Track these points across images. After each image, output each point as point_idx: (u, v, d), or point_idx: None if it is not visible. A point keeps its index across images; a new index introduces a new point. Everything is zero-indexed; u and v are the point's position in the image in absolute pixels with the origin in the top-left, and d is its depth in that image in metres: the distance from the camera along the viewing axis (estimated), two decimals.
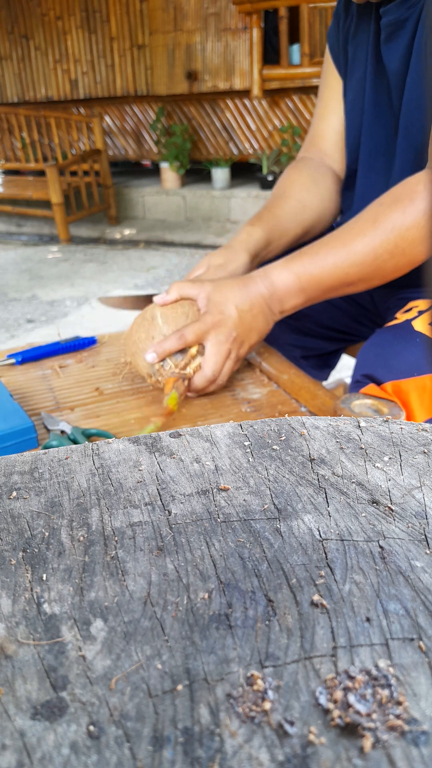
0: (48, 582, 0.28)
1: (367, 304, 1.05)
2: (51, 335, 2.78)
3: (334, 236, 0.77)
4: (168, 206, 5.13)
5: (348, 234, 0.76)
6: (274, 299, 0.78)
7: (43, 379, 0.86)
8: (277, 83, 4.48)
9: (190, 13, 4.85)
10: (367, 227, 0.75)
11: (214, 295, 0.76)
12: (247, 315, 0.76)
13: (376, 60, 0.86)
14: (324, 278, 0.76)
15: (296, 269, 0.77)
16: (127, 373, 0.87)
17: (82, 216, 4.84)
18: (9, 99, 5.93)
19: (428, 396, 0.70)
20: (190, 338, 0.74)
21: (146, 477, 0.35)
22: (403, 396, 0.71)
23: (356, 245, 0.75)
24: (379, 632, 0.25)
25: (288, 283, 0.77)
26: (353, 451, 0.37)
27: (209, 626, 0.25)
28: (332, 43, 0.96)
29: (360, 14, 0.88)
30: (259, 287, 0.77)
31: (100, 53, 5.34)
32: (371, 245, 0.74)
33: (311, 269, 0.76)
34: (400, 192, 0.74)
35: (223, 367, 0.77)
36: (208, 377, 0.75)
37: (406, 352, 0.74)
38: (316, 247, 0.78)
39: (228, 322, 0.75)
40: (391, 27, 0.79)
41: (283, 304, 0.78)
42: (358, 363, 0.80)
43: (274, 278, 0.77)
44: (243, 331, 0.76)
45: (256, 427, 0.40)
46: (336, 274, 0.76)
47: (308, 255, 0.77)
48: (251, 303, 0.76)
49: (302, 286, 0.77)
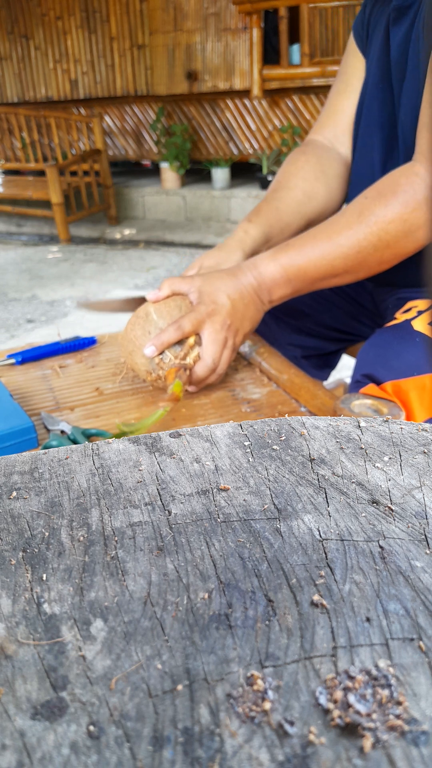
0: (48, 582, 0.28)
1: (367, 304, 1.05)
2: (51, 335, 2.78)
3: (320, 229, 0.79)
4: (168, 206, 5.13)
5: (333, 227, 0.78)
6: (263, 289, 0.79)
7: (43, 379, 0.86)
8: (277, 83, 4.48)
9: (190, 13, 4.85)
10: (351, 220, 0.76)
11: (205, 287, 0.78)
12: (238, 304, 0.77)
13: (383, 43, 0.86)
14: (309, 270, 0.78)
15: (283, 261, 0.78)
16: (127, 373, 0.87)
17: (82, 216, 4.84)
18: (9, 99, 5.93)
19: (428, 395, 0.70)
20: (188, 328, 0.75)
21: (146, 477, 0.35)
22: (403, 396, 0.71)
23: (341, 238, 0.76)
24: (379, 632, 0.25)
25: (275, 275, 0.78)
26: (353, 451, 0.37)
27: (209, 626, 0.25)
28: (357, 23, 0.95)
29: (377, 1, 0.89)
30: (248, 277, 0.78)
31: (100, 53, 5.34)
32: (355, 238, 0.75)
33: (297, 261, 0.78)
34: (384, 185, 0.76)
35: (222, 356, 0.78)
36: (209, 365, 0.76)
37: (406, 352, 0.74)
38: (303, 239, 0.79)
39: (222, 311, 0.76)
40: (396, 11, 0.81)
41: (272, 294, 0.80)
42: (357, 363, 0.80)
43: (262, 269, 0.79)
44: (236, 319, 0.77)
45: (256, 427, 0.40)
46: (321, 266, 0.77)
47: (294, 247, 0.79)
48: (241, 293, 0.78)
49: (289, 277, 0.78)
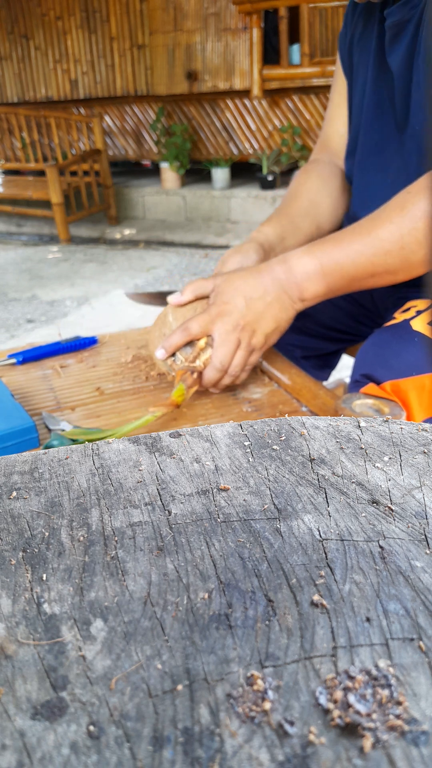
0: (48, 582, 0.28)
1: (367, 304, 1.05)
2: (51, 335, 2.78)
3: (359, 224, 0.75)
4: (168, 206, 5.13)
5: (374, 221, 0.73)
6: (292, 284, 0.75)
7: (43, 379, 0.86)
8: (277, 83, 4.48)
9: (190, 13, 4.85)
10: (393, 214, 0.72)
11: (223, 286, 0.75)
12: (257, 303, 0.74)
13: (379, 62, 0.86)
14: (347, 265, 0.73)
15: (318, 254, 0.74)
16: (132, 369, 0.87)
17: (82, 216, 4.84)
18: (9, 99, 5.93)
19: (427, 395, 0.70)
20: (195, 330, 0.74)
21: (146, 477, 0.35)
22: (402, 395, 0.71)
23: (382, 232, 0.72)
24: (379, 632, 0.25)
25: (308, 268, 0.74)
26: (353, 451, 0.37)
27: (209, 626, 0.25)
28: (341, 46, 0.97)
29: (365, 17, 0.89)
30: (276, 273, 0.75)
31: (100, 53, 5.34)
32: (398, 233, 0.71)
33: (334, 255, 0.74)
34: (429, 181, 0.71)
35: (234, 358, 0.75)
36: (217, 367, 0.74)
37: (405, 352, 0.74)
38: (341, 234, 0.75)
39: (234, 312, 0.73)
40: (394, 28, 0.80)
41: (303, 291, 0.75)
42: (357, 363, 0.80)
43: (293, 263, 0.75)
44: (252, 319, 0.74)
45: (256, 427, 0.40)
46: (360, 261, 0.73)
47: (331, 241, 0.75)
48: (264, 290, 0.74)
49: (324, 271, 0.74)
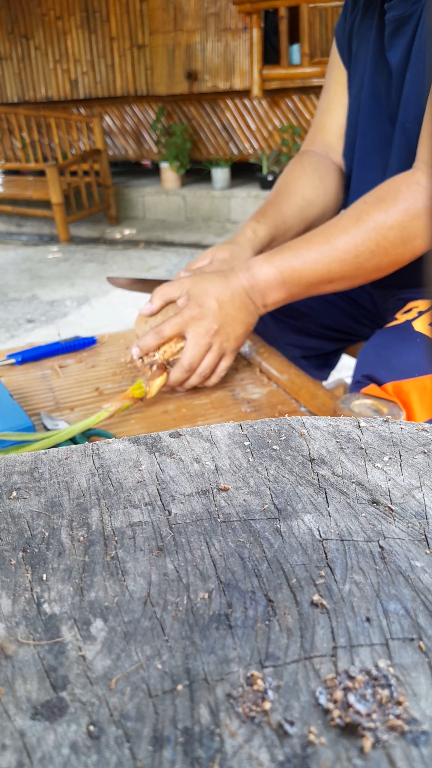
0: (48, 582, 0.28)
1: (367, 305, 1.05)
2: (51, 335, 2.78)
3: (317, 232, 0.77)
4: (168, 206, 5.13)
5: (331, 230, 0.76)
6: (256, 291, 0.78)
7: (43, 379, 0.86)
8: (277, 83, 4.48)
9: (190, 13, 4.85)
10: (349, 225, 0.75)
11: (194, 289, 0.77)
12: (228, 306, 0.76)
13: (377, 55, 0.86)
14: (305, 273, 0.76)
15: (277, 262, 0.77)
16: (132, 369, 0.87)
17: (82, 216, 4.84)
18: (9, 99, 5.93)
19: (429, 396, 0.70)
20: (168, 333, 0.75)
21: (146, 477, 0.35)
22: (404, 396, 0.71)
23: (338, 242, 0.75)
24: (379, 632, 0.25)
25: (269, 277, 0.77)
26: (353, 451, 0.37)
27: (209, 626, 0.25)
28: (339, 34, 0.96)
29: (365, 8, 0.88)
30: (240, 279, 0.77)
31: (100, 53, 5.34)
32: (353, 243, 0.74)
33: (293, 263, 0.76)
34: (384, 191, 0.75)
35: (204, 360, 0.77)
36: (185, 367, 0.76)
37: (407, 353, 0.74)
38: (299, 242, 0.78)
39: (208, 315, 0.75)
40: (395, 23, 0.80)
41: (265, 297, 0.78)
42: (358, 364, 0.80)
43: (255, 271, 0.77)
44: (224, 322, 0.76)
45: (256, 427, 0.40)
46: (317, 269, 0.76)
47: (290, 249, 0.77)
48: (232, 294, 0.76)
49: (283, 279, 0.77)
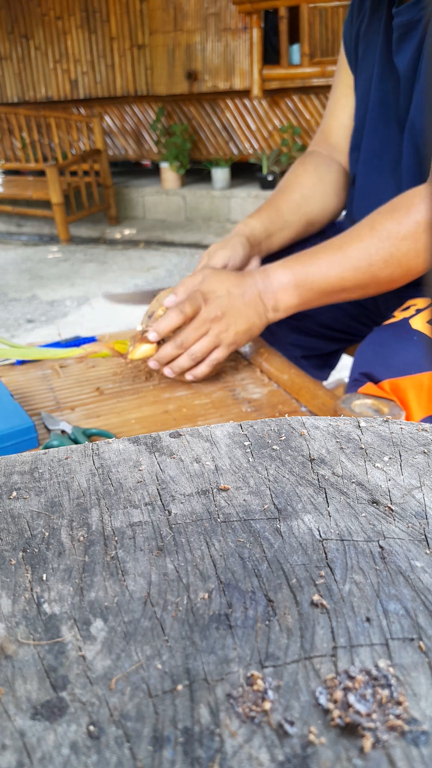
0: (48, 582, 0.28)
1: (368, 304, 1.05)
2: (51, 335, 2.78)
3: (332, 241, 0.79)
4: (168, 206, 5.13)
5: (345, 239, 0.78)
6: (269, 293, 0.79)
7: (43, 378, 0.86)
8: (277, 83, 4.48)
9: (190, 13, 4.84)
10: (363, 233, 0.76)
11: (209, 276, 0.80)
12: (237, 299, 0.78)
13: (385, 60, 0.86)
14: (318, 279, 0.78)
15: (292, 267, 0.79)
16: (132, 369, 0.87)
17: (82, 216, 4.84)
18: (9, 99, 5.93)
19: (426, 394, 0.70)
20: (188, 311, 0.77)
21: (146, 477, 0.35)
22: (401, 394, 0.71)
23: (352, 250, 0.76)
24: (379, 632, 0.25)
25: (283, 280, 0.79)
26: (353, 451, 0.37)
27: (209, 626, 0.25)
28: (346, 36, 0.96)
29: (372, 10, 0.88)
30: (255, 279, 0.79)
31: (100, 53, 5.34)
32: (366, 251, 0.76)
33: (307, 269, 0.78)
34: (398, 202, 0.76)
35: (198, 342, 0.78)
36: (177, 344, 0.78)
37: (404, 350, 0.74)
38: (316, 249, 0.80)
39: (215, 301, 0.77)
40: (402, 28, 0.80)
41: (278, 300, 0.80)
42: (355, 361, 0.80)
43: (270, 273, 0.79)
44: (228, 313, 0.78)
45: (256, 427, 0.40)
46: (330, 276, 0.77)
47: (305, 255, 0.80)
48: (244, 290, 0.78)
49: (297, 283, 0.78)
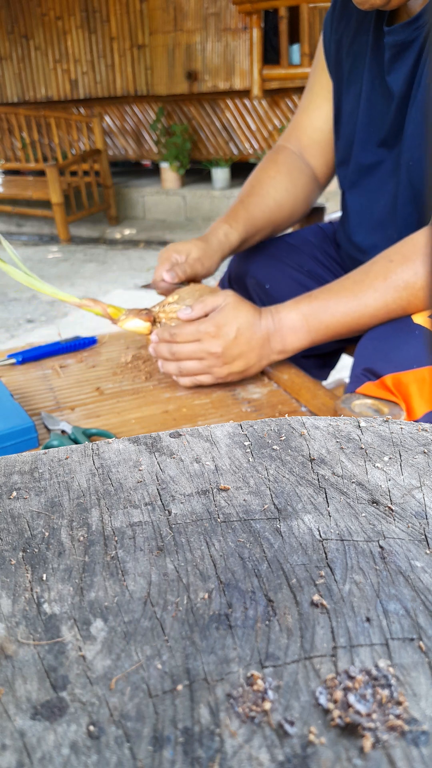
0: (48, 582, 0.28)
1: None
2: (51, 335, 2.78)
3: (342, 286, 0.79)
4: (168, 206, 5.13)
5: (358, 286, 0.77)
6: (277, 335, 0.79)
7: (43, 379, 0.86)
8: (277, 83, 4.48)
9: (190, 13, 4.85)
10: (377, 282, 0.76)
11: (227, 311, 0.78)
12: (242, 341, 0.77)
13: (375, 77, 0.84)
14: (333, 325, 0.78)
15: (305, 311, 0.79)
16: (132, 369, 0.87)
17: (82, 216, 4.84)
18: (9, 99, 5.93)
19: (428, 388, 0.70)
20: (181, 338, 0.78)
21: (146, 477, 0.35)
22: (403, 389, 0.71)
23: (367, 298, 0.76)
24: (379, 632, 0.25)
25: (295, 323, 0.79)
26: (353, 451, 0.37)
27: (209, 626, 0.25)
28: (326, 39, 0.94)
29: (358, 21, 0.86)
30: (267, 321, 0.79)
31: (100, 53, 5.34)
32: (383, 300, 0.76)
33: (321, 315, 0.78)
34: (409, 251, 0.76)
35: (190, 362, 0.78)
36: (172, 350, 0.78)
37: (406, 345, 0.74)
38: (326, 293, 0.79)
39: (219, 338, 0.76)
40: (396, 48, 0.78)
41: (286, 343, 0.80)
42: (357, 357, 0.80)
43: (282, 316, 0.79)
44: (229, 353, 0.77)
45: (256, 427, 0.40)
46: (346, 322, 0.78)
47: (318, 300, 0.79)
48: (253, 332, 0.78)
49: (309, 328, 0.79)
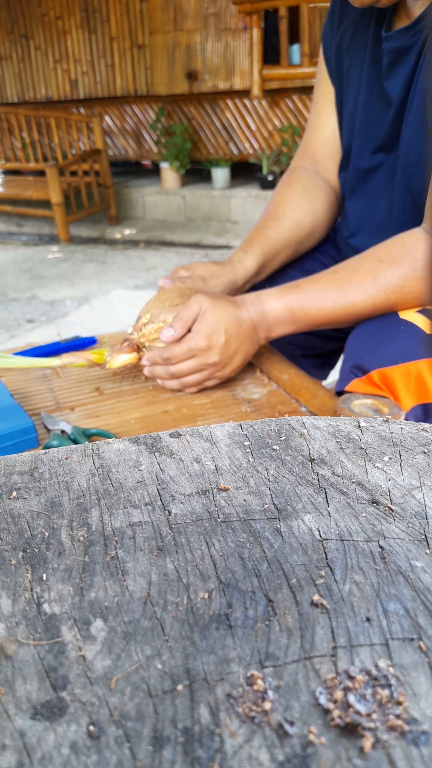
0: (48, 582, 0.28)
1: None
2: (51, 335, 2.78)
3: (330, 280, 0.79)
4: (168, 206, 5.13)
5: (346, 283, 0.78)
6: (263, 325, 0.80)
7: (43, 379, 0.86)
8: (277, 83, 4.48)
9: (190, 13, 4.84)
10: (366, 281, 0.76)
11: (208, 317, 0.77)
12: (233, 340, 0.78)
13: (372, 82, 0.84)
14: (319, 317, 0.79)
15: (290, 302, 0.79)
16: (132, 369, 0.87)
17: (82, 216, 4.83)
18: (9, 99, 5.93)
19: (414, 383, 0.71)
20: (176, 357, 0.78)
21: (146, 477, 0.35)
22: (390, 383, 0.71)
23: (354, 296, 0.77)
24: (379, 632, 0.25)
25: (279, 314, 0.79)
26: (353, 451, 0.37)
27: (209, 626, 0.25)
28: (326, 45, 0.93)
29: (356, 23, 0.86)
30: (250, 312, 0.79)
31: (100, 53, 5.34)
32: (371, 300, 0.76)
33: (306, 306, 0.78)
34: (399, 252, 0.76)
35: (192, 377, 0.79)
36: (170, 371, 0.78)
37: (392, 340, 0.75)
38: (313, 285, 0.79)
39: (214, 348, 0.77)
40: (394, 53, 0.77)
41: (270, 331, 0.81)
42: (346, 353, 0.81)
43: (266, 306, 0.79)
44: (227, 357, 0.78)
45: (256, 427, 0.40)
46: (332, 315, 0.78)
47: (304, 292, 0.79)
48: (240, 325, 0.78)
49: (294, 318, 0.79)
